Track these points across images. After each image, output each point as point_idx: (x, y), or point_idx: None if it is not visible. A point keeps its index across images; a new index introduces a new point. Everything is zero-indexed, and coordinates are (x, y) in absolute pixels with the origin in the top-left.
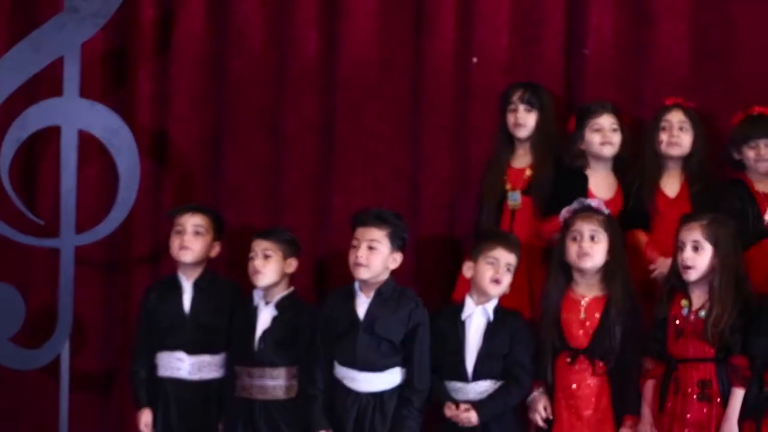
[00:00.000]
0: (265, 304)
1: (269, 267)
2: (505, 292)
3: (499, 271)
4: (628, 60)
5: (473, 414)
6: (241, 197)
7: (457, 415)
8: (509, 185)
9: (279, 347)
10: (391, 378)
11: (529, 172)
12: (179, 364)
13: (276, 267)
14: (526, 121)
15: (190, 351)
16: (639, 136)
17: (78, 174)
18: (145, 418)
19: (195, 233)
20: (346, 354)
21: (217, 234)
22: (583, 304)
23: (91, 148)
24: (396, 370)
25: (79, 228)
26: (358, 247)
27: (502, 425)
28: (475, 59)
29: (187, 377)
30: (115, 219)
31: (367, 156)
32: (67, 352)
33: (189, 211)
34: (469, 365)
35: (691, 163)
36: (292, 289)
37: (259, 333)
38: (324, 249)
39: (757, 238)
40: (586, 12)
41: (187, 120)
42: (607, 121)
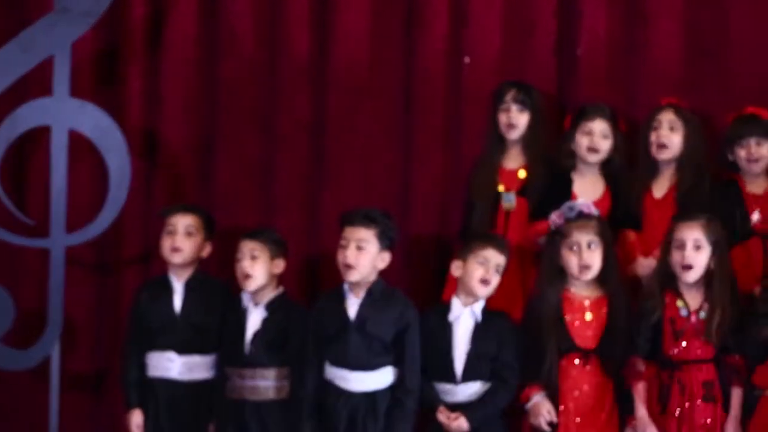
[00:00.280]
0: (255, 305)
1: (257, 269)
2: (491, 294)
3: (489, 272)
4: (621, 60)
5: (463, 420)
6: (232, 197)
7: (448, 423)
8: (502, 186)
9: (270, 349)
10: (382, 377)
11: (523, 174)
12: (170, 365)
13: (264, 268)
14: (519, 121)
15: (181, 351)
16: (633, 136)
17: (68, 174)
18: (136, 418)
19: (186, 233)
20: (338, 354)
21: (209, 234)
22: (587, 305)
23: (82, 147)
24: (387, 370)
25: (70, 228)
26: (346, 246)
27: (491, 431)
28: (467, 59)
29: (178, 378)
30: (105, 219)
31: (359, 156)
32: (57, 353)
33: (180, 211)
34: (458, 367)
35: (682, 164)
36: (281, 289)
37: (249, 335)
38: (316, 249)
39: (742, 238)
40: (579, 12)
41: (178, 119)
42: (599, 126)
